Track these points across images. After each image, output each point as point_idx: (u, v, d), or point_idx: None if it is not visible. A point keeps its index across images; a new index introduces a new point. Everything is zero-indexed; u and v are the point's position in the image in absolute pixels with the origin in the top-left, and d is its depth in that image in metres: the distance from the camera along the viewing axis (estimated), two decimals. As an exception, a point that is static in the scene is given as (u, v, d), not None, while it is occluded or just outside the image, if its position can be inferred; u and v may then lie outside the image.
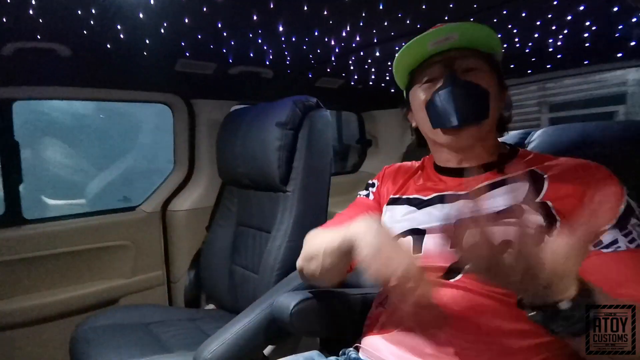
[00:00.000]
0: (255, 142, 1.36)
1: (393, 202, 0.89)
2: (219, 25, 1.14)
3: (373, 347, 0.76)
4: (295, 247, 1.27)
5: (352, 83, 1.97)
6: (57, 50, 1.21)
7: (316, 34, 1.24)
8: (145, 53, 1.34)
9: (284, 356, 1.27)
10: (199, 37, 1.24)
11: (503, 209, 0.70)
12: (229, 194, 1.62)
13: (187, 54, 1.40)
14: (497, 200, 0.72)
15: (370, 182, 1.00)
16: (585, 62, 1.68)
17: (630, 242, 0.62)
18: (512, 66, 1.75)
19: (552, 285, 0.49)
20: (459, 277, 0.70)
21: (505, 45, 1.50)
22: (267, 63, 1.57)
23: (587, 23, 1.26)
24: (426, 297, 0.58)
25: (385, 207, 0.90)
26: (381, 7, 1.03)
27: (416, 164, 0.96)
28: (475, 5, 1.07)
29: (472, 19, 1.19)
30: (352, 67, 1.74)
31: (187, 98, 1.68)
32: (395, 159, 2.42)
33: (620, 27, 1.28)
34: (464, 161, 0.82)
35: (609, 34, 1.36)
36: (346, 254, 0.71)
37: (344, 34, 1.25)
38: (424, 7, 1.05)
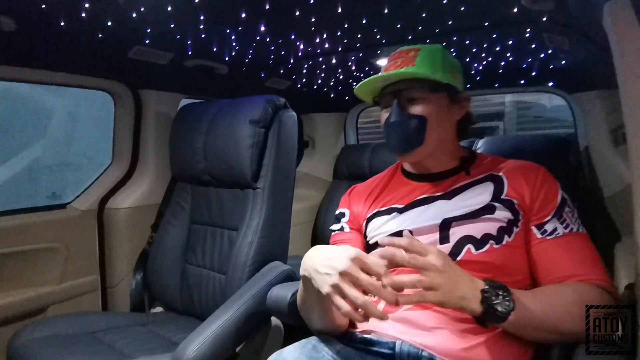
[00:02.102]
0: (223, 139, 1.34)
1: (373, 216, 0.96)
2: (201, 18, 1.12)
3: (378, 327, 0.84)
4: (266, 242, 1.30)
5: (299, 86, 2.04)
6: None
7: (292, 37, 1.29)
8: (100, 35, 1.23)
9: (252, 351, 1.30)
10: (172, 26, 1.19)
11: (480, 207, 0.84)
12: (181, 190, 1.55)
13: (147, 41, 1.32)
14: (470, 200, 0.86)
15: (337, 212, 1.04)
16: (496, 85, 2.03)
17: (565, 227, 0.80)
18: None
19: (463, 289, 0.67)
20: None
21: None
22: (226, 59, 1.56)
23: (508, 54, 1.54)
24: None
25: (364, 224, 0.97)
26: (364, 21, 1.13)
27: (380, 177, 1.04)
28: (437, 30, 1.24)
29: (428, 41, 1.37)
30: (304, 71, 1.81)
31: (135, 87, 1.56)
32: (330, 160, 2.56)
33: (529, 59, 1.60)
34: (430, 169, 0.94)
35: (518, 64, 1.68)
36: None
37: (317, 40, 1.33)
38: (398, 26, 1.18)
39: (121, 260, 1.60)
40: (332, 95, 2.29)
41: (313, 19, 1.12)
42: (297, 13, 1.06)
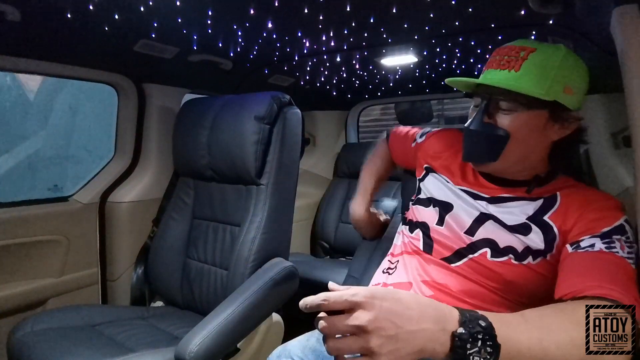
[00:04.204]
0: (228, 134, 1.35)
1: (433, 170, 0.95)
2: (209, 13, 1.12)
3: None
4: (269, 239, 1.30)
5: (302, 83, 2.04)
6: (5, 12, 1.04)
7: (299, 34, 1.29)
8: (107, 28, 1.22)
9: (253, 346, 1.31)
10: (179, 20, 1.18)
11: (516, 224, 0.77)
12: (184, 185, 1.55)
13: (153, 35, 1.31)
14: (507, 214, 0.79)
15: (423, 131, 1.08)
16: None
17: (608, 248, 0.65)
18: (442, 83, 2.03)
19: (418, 342, 0.47)
20: (459, 263, 0.80)
21: (444, 65, 1.74)
22: (231, 54, 1.55)
23: (511, 55, 1.55)
24: None
25: (427, 171, 0.97)
26: (371, 20, 1.14)
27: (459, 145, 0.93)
28: (443, 31, 1.25)
29: (433, 41, 1.38)
30: (307, 68, 1.82)
31: (139, 81, 1.56)
32: (331, 158, 2.57)
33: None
34: (496, 173, 0.84)
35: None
36: None
37: (323, 38, 1.33)
38: (405, 26, 1.19)
39: (122, 253, 1.60)
40: (334, 93, 2.29)
41: (321, 17, 1.12)
42: (306, 10, 1.07)
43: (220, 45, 1.44)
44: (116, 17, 1.15)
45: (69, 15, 1.12)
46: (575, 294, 0.61)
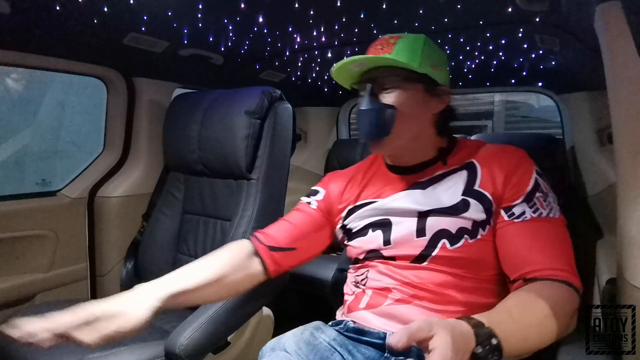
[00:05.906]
0: (218, 129, 1.35)
1: (355, 208, 0.94)
2: (200, 6, 1.11)
3: (364, 320, 0.85)
4: (259, 233, 1.30)
5: (293, 79, 2.04)
6: (-7, 4, 1.03)
7: (289, 29, 1.29)
8: (96, 21, 1.21)
9: (243, 340, 1.32)
10: (169, 13, 1.18)
11: (451, 205, 0.82)
12: (174, 180, 1.55)
13: (143, 29, 1.30)
14: (443, 195, 0.84)
15: (313, 189, 1.03)
16: (487, 84, 2.06)
17: (535, 212, 0.77)
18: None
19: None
20: (426, 262, 0.81)
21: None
22: (222, 49, 1.55)
23: (500, 53, 1.57)
24: None
25: (346, 212, 0.96)
26: (362, 16, 1.15)
27: (363, 169, 1.00)
28: (433, 27, 1.26)
29: (423, 37, 1.39)
30: (299, 64, 1.82)
31: (129, 75, 1.55)
32: (322, 154, 2.58)
33: (520, 59, 1.63)
34: (406, 161, 0.90)
35: (509, 64, 1.72)
36: None
37: (314, 33, 1.33)
38: (395, 22, 1.20)
39: (111, 249, 1.59)
40: (325, 90, 2.29)
41: (311, 12, 1.13)
42: (296, 5, 1.07)
43: (210, 39, 1.43)
44: (105, 9, 1.14)
45: (57, 8, 1.11)
46: (525, 276, 0.73)
